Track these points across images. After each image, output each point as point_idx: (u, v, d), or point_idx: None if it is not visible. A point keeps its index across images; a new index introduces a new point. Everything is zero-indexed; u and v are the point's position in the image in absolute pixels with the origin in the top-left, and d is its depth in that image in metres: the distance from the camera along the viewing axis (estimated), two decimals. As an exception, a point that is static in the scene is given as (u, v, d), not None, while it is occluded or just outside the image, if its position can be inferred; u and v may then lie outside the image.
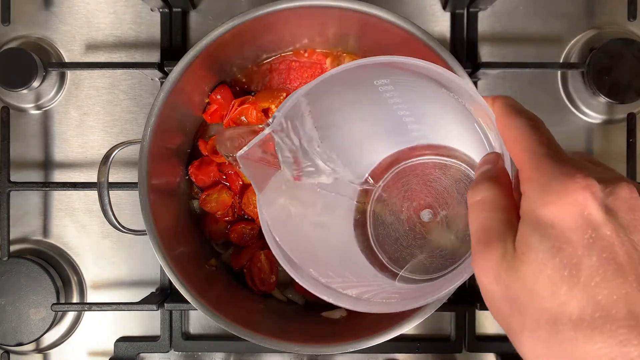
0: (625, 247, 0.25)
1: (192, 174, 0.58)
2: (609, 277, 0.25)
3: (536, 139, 0.29)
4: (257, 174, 0.39)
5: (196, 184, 0.58)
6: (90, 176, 0.62)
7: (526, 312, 0.26)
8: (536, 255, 0.26)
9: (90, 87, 0.62)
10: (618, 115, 0.62)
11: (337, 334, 0.52)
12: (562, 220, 0.26)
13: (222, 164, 0.58)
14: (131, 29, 0.63)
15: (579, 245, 0.25)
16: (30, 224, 0.62)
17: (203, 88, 0.56)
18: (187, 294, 0.50)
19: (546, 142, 0.29)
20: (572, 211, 0.26)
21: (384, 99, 0.38)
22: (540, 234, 0.26)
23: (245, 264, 0.58)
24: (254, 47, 0.56)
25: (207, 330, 0.62)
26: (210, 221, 0.58)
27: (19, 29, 0.62)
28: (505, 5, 0.62)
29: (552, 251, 0.26)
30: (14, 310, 0.58)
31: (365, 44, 0.56)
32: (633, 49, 0.58)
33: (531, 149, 0.28)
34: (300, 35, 0.56)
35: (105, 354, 0.62)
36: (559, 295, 0.25)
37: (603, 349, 0.24)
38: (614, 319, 0.24)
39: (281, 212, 0.40)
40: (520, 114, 0.30)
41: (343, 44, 0.57)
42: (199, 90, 0.56)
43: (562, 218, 0.26)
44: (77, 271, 0.62)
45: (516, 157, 0.29)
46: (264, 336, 0.50)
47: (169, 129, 0.53)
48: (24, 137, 0.62)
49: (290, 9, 0.50)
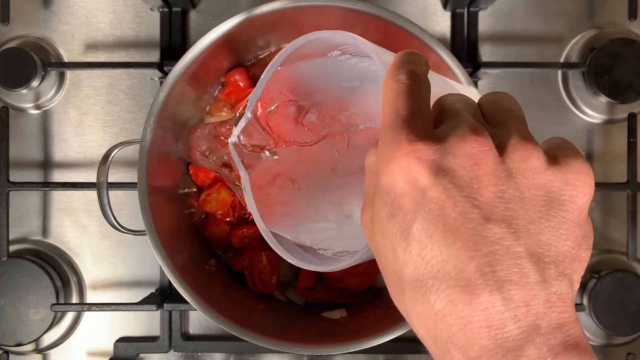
0: (459, 207, 0.25)
1: (192, 174, 0.58)
2: (436, 239, 0.25)
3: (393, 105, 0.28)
4: (247, 159, 0.41)
5: (196, 184, 0.58)
6: (90, 176, 0.62)
7: (383, 273, 0.28)
8: (380, 220, 0.27)
9: (89, 86, 0.62)
10: (619, 115, 0.62)
11: (337, 334, 0.52)
12: (393, 186, 0.26)
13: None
14: (131, 28, 0.62)
15: (408, 210, 0.26)
16: (29, 224, 0.62)
17: (203, 87, 0.56)
18: (186, 294, 0.50)
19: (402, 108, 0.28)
20: (400, 177, 0.26)
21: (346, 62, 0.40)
22: (381, 200, 0.27)
23: (245, 265, 0.57)
24: (254, 47, 0.56)
25: (206, 330, 0.62)
26: (211, 224, 0.58)
27: (18, 29, 0.62)
28: (506, 5, 0.62)
29: (388, 217, 0.27)
30: (13, 310, 0.58)
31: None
32: (634, 49, 0.58)
33: (385, 115, 0.28)
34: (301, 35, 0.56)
35: (104, 355, 0.62)
36: (398, 257, 0.26)
37: (437, 307, 0.25)
38: (443, 279, 0.25)
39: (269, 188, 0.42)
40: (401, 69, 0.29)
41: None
42: (198, 89, 0.56)
43: (393, 184, 0.26)
44: (77, 271, 0.62)
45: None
46: (264, 336, 0.50)
47: (168, 128, 0.53)
48: (23, 137, 0.62)
49: (290, 9, 0.50)
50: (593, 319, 0.58)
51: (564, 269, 0.25)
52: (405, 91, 0.28)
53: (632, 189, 0.59)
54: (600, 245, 0.62)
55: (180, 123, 0.56)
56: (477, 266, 0.24)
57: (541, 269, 0.25)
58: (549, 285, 0.25)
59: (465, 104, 0.29)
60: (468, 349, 0.24)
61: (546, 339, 0.24)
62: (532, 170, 0.26)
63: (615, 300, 0.58)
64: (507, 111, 0.29)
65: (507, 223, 0.25)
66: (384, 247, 0.27)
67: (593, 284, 0.59)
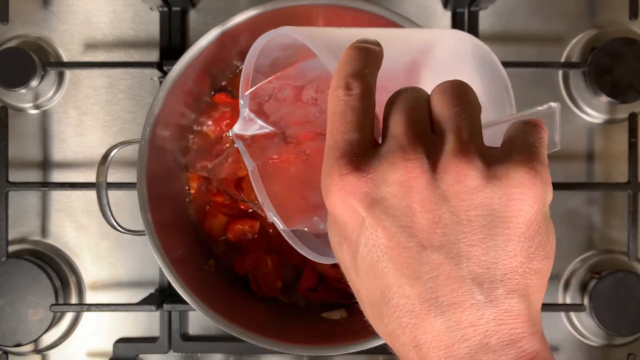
0: (395, 237, 0.26)
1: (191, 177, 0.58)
2: (378, 268, 0.26)
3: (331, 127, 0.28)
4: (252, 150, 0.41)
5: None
6: (89, 176, 0.61)
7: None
8: (334, 246, 0.28)
9: (89, 86, 0.62)
10: (619, 114, 0.61)
11: (338, 335, 0.52)
12: (337, 217, 0.27)
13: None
14: (130, 28, 0.62)
15: (352, 240, 0.27)
16: (28, 224, 0.62)
17: (203, 87, 0.56)
18: (186, 294, 0.50)
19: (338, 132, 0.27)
20: (339, 210, 0.27)
21: None
22: (331, 229, 0.28)
23: (249, 269, 0.57)
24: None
25: (206, 331, 0.62)
26: (209, 215, 0.58)
27: (18, 28, 0.62)
28: (506, 5, 0.62)
29: (339, 244, 0.28)
30: (12, 310, 0.58)
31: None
32: (634, 49, 0.58)
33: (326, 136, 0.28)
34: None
35: (104, 355, 0.61)
36: (353, 280, 0.28)
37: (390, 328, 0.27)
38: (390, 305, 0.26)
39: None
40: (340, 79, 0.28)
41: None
42: (198, 89, 0.56)
43: (336, 215, 0.27)
44: (76, 272, 0.62)
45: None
46: (264, 337, 0.50)
47: (168, 128, 0.53)
48: (23, 137, 0.62)
49: (290, 8, 0.49)
50: (594, 319, 0.58)
51: (514, 286, 0.25)
52: (342, 112, 0.27)
53: (633, 189, 0.59)
54: (601, 246, 0.62)
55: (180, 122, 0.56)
56: (420, 293, 0.25)
57: (487, 290, 0.25)
58: (498, 304, 0.25)
59: (410, 110, 0.28)
60: None
61: (497, 355, 0.25)
62: (468, 192, 0.25)
63: (616, 301, 0.58)
64: (455, 110, 0.27)
65: (446, 249, 0.25)
66: (344, 269, 0.28)
67: (594, 284, 0.58)
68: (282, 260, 0.58)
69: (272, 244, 0.57)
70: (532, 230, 0.26)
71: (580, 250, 0.62)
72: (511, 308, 0.25)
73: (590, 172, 0.62)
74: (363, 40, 0.30)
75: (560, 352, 0.61)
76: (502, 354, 0.25)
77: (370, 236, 0.26)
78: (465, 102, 0.28)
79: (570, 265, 0.62)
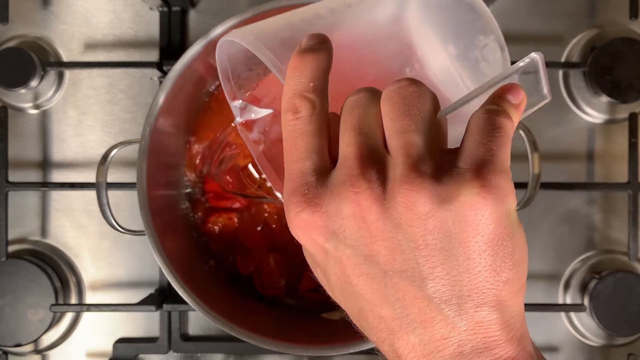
0: (358, 267, 0.26)
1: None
2: (349, 294, 0.27)
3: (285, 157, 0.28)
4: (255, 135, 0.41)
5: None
6: (89, 176, 0.61)
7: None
8: (311, 267, 0.30)
9: (88, 86, 0.62)
10: (620, 114, 0.61)
11: (338, 335, 0.51)
12: (304, 246, 0.28)
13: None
14: (130, 28, 0.62)
15: (322, 267, 0.28)
16: (28, 225, 0.62)
17: (203, 87, 0.56)
18: (186, 295, 0.50)
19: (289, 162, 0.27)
20: (304, 241, 0.27)
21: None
22: (305, 253, 0.29)
23: (253, 269, 0.57)
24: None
25: (206, 331, 0.62)
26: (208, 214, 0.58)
27: (17, 28, 0.62)
28: (506, 4, 0.62)
29: (314, 267, 0.29)
30: (12, 311, 0.58)
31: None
32: (635, 48, 0.58)
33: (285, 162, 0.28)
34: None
35: (104, 355, 0.61)
36: (333, 297, 0.29)
37: (373, 339, 0.28)
38: (366, 323, 0.28)
39: None
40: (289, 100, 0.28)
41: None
42: (198, 89, 0.56)
43: (303, 245, 0.28)
44: (76, 272, 0.62)
45: None
46: (264, 337, 0.50)
47: (168, 128, 0.53)
48: (22, 137, 0.62)
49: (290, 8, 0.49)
50: (594, 319, 0.58)
51: (482, 299, 0.25)
52: (292, 138, 0.27)
53: (633, 189, 0.59)
54: (601, 246, 0.62)
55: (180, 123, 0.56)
56: (390, 314, 0.26)
57: (456, 305, 0.25)
58: (468, 317, 0.25)
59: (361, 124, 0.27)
60: None
61: None
62: (420, 219, 0.25)
63: (616, 301, 0.58)
64: (403, 123, 0.26)
65: (408, 273, 0.25)
66: (324, 287, 0.30)
67: (594, 284, 0.58)
68: (286, 260, 0.58)
69: (276, 241, 0.57)
70: (494, 245, 0.25)
71: (581, 251, 0.62)
72: (482, 319, 0.25)
73: (590, 172, 0.62)
74: (306, 44, 0.28)
75: (560, 352, 0.61)
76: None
77: (335, 266, 0.27)
78: (415, 111, 0.26)
79: (571, 266, 0.62)
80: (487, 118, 0.26)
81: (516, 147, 0.58)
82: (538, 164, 0.51)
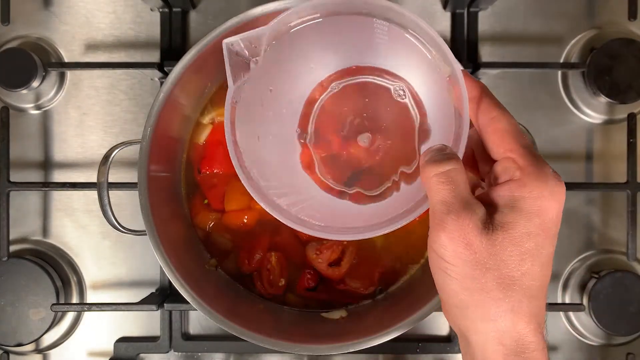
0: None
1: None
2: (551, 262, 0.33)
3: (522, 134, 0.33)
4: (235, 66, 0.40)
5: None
6: (90, 176, 0.62)
7: (490, 276, 0.32)
8: (519, 234, 0.32)
9: (89, 87, 0.62)
10: (618, 115, 0.62)
11: (337, 334, 0.52)
12: (548, 212, 0.32)
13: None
14: (131, 28, 0.62)
15: (549, 235, 0.32)
16: (29, 224, 0.62)
17: (203, 88, 0.56)
18: (186, 294, 0.50)
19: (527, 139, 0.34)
20: (557, 207, 0.33)
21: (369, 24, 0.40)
22: (527, 218, 0.32)
23: (255, 267, 0.57)
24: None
25: (206, 330, 0.62)
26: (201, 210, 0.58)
27: (19, 29, 0.62)
28: (506, 5, 0.62)
29: (531, 235, 0.32)
30: (13, 310, 0.58)
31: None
32: (633, 49, 0.58)
33: (521, 142, 0.33)
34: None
35: (104, 355, 0.62)
36: (523, 267, 0.32)
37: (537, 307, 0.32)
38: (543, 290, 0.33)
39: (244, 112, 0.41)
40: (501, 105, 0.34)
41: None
42: (198, 90, 0.56)
43: (549, 211, 0.32)
44: (77, 271, 0.62)
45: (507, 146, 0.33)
46: (264, 336, 0.50)
47: (168, 129, 0.53)
48: (24, 137, 0.62)
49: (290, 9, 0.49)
50: (593, 318, 0.58)
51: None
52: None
53: (632, 189, 0.59)
54: (600, 245, 0.62)
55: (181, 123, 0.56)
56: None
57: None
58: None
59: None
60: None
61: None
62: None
63: (615, 300, 0.58)
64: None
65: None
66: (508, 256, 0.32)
67: (593, 283, 0.59)
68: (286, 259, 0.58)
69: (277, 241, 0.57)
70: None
71: (580, 250, 0.62)
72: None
73: (589, 172, 0.62)
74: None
75: (559, 352, 0.62)
76: None
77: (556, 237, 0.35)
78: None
79: (570, 265, 0.62)
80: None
81: (515, 148, 0.59)
82: (537, 164, 0.51)
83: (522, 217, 0.32)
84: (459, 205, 0.32)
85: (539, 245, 0.32)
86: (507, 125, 0.33)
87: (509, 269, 0.31)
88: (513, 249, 0.31)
